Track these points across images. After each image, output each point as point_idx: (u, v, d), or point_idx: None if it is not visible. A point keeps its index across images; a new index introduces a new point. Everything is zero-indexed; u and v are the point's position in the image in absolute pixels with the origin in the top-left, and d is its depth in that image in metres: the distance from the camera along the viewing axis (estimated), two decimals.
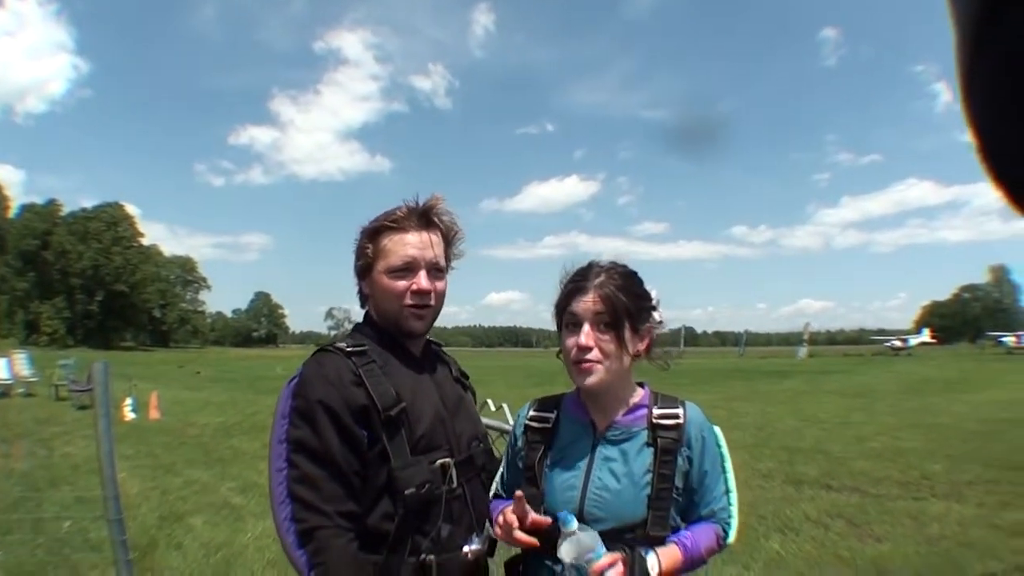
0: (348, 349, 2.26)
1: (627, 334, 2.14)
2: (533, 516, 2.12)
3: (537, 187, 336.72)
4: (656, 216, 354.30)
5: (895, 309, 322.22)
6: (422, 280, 2.31)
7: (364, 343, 2.32)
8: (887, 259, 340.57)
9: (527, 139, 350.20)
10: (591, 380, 2.15)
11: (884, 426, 15.82)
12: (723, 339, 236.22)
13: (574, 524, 2.01)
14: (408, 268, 2.31)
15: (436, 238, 2.37)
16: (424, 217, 2.36)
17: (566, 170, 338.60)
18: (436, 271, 2.37)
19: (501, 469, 2.48)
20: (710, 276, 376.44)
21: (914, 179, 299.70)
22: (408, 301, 2.32)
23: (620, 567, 1.97)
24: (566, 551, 2.01)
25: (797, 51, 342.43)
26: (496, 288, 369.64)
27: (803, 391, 27.39)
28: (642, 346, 2.21)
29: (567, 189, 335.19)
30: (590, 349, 2.13)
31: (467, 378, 2.70)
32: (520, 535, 2.11)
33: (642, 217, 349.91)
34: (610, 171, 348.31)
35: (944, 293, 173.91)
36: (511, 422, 2.94)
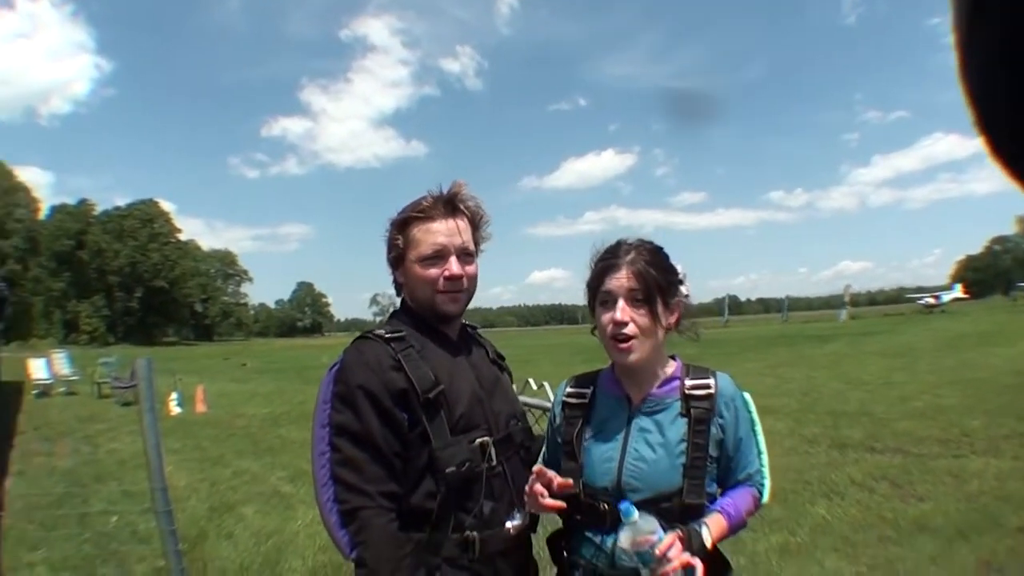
0: (387, 335, 2.33)
1: (659, 308, 2.21)
2: (558, 480, 2.18)
3: (574, 163, 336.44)
4: (694, 186, 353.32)
5: (932, 266, 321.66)
6: (453, 266, 2.37)
7: (402, 329, 2.38)
8: (921, 215, 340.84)
9: (560, 115, 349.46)
10: (632, 358, 2.23)
11: (925, 385, 15.78)
12: (766, 306, 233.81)
13: (635, 514, 2.07)
14: (438, 255, 2.36)
15: (463, 224, 2.42)
16: (449, 204, 2.41)
17: (602, 144, 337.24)
18: (466, 256, 2.42)
19: (544, 447, 2.55)
20: (750, 243, 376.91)
21: (940, 133, 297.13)
22: (441, 287, 2.38)
23: (679, 545, 2.03)
24: (626, 539, 2.08)
25: (817, 11, 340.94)
26: (539, 266, 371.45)
27: (846, 354, 27.27)
28: (672, 319, 2.28)
29: (604, 163, 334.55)
30: (626, 324, 2.20)
31: (503, 359, 2.76)
32: (549, 502, 2.18)
33: (680, 187, 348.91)
34: (645, 143, 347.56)
35: (977, 246, 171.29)
36: (552, 400, 3.00)
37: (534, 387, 4.44)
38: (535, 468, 2.23)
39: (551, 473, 2.20)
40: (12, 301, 31.28)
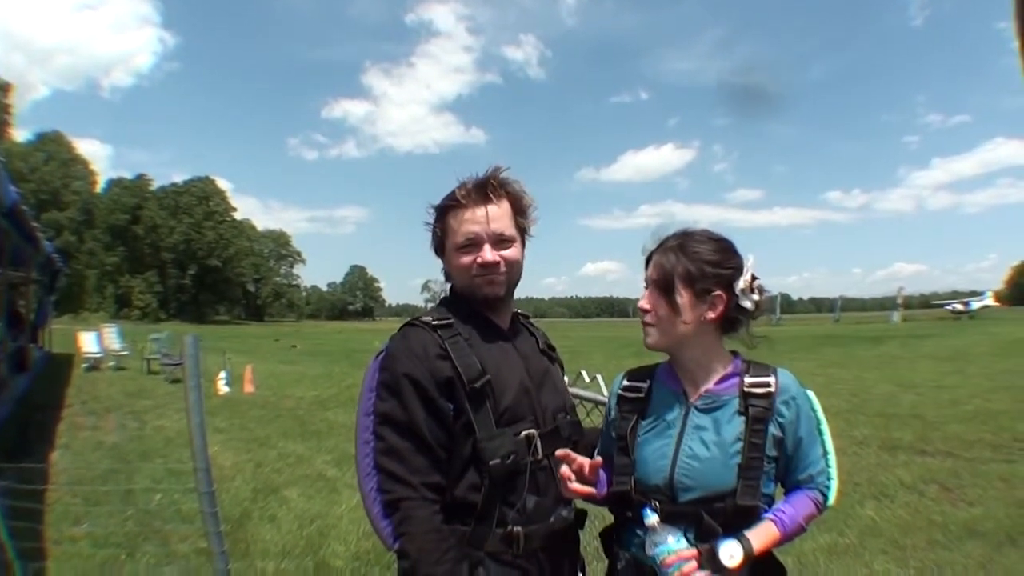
0: (434, 323, 2.30)
1: (682, 299, 2.19)
2: (588, 463, 2.16)
3: (633, 156, 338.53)
4: (751, 183, 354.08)
5: (987, 270, 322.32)
6: (486, 253, 2.34)
7: (449, 316, 2.35)
8: (978, 219, 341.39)
9: (621, 108, 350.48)
10: (647, 341, 2.29)
11: (977, 389, 15.71)
12: (818, 305, 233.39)
13: (653, 518, 2.07)
14: (472, 243, 2.35)
15: (498, 210, 2.38)
16: (481, 190, 2.37)
17: (661, 138, 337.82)
18: (501, 241, 2.38)
19: (599, 441, 2.51)
20: (805, 242, 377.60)
21: (1001, 138, 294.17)
22: (475, 273, 2.35)
23: (693, 564, 2.02)
24: (647, 545, 2.08)
25: (883, 11, 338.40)
26: (592, 258, 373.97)
27: (898, 356, 27.18)
28: (711, 314, 2.20)
29: (662, 157, 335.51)
30: (647, 312, 2.25)
31: (554, 350, 2.70)
32: (576, 487, 2.16)
33: (737, 184, 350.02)
34: (705, 138, 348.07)
35: None
36: (605, 393, 2.93)
37: (586, 379, 4.41)
38: (559, 452, 2.19)
39: (581, 458, 2.17)
40: (66, 273, 31.61)
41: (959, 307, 71.73)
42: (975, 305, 72.21)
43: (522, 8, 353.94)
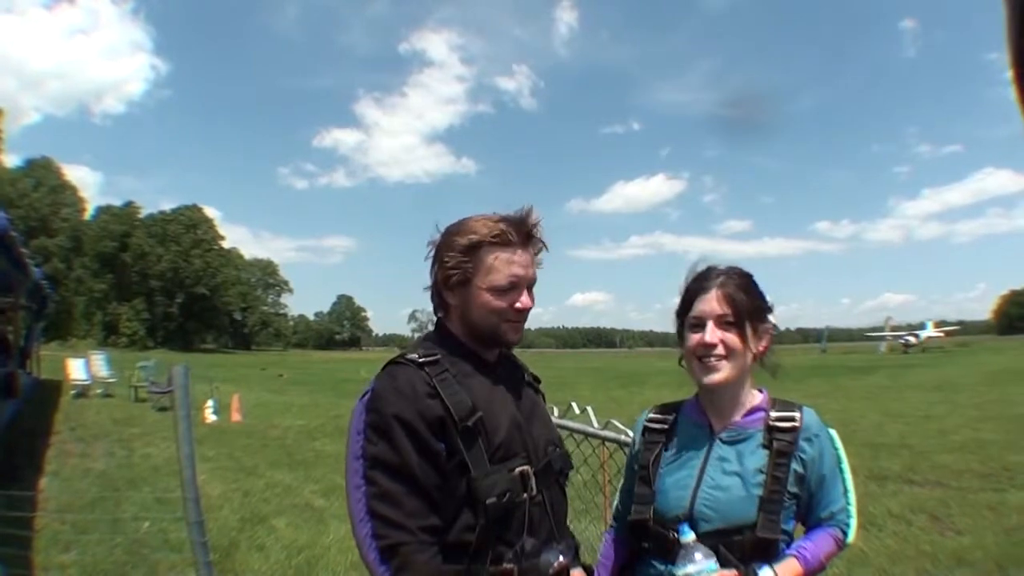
0: (420, 360, 2.20)
1: (749, 333, 2.19)
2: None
3: (623, 187, 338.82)
4: (740, 214, 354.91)
5: (975, 300, 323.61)
6: (526, 299, 2.29)
7: (435, 352, 2.26)
8: (967, 249, 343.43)
9: (613, 138, 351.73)
10: (716, 377, 2.20)
11: (965, 418, 15.90)
12: (805, 336, 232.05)
13: (690, 535, 2.06)
14: (513, 287, 2.26)
15: (534, 255, 2.34)
16: (527, 235, 2.30)
17: (652, 169, 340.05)
18: (531, 288, 2.33)
19: (623, 475, 2.53)
20: (794, 273, 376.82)
21: (991, 168, 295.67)
22: (510, 318, 2.28)
23: None
24: (680, 562, 2.06)
25: (877, 43, 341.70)
26: (581, 289, 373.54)
27: (885, 386, 27.54)
28: (762, 346, 2.25)
29: (653, 188, 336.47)
30: (714, 346, 2.19)
31: (539, 382, 2.63)
32: None
33: (727, 215, 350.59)
34: (695, 169, 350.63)
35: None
36: (595, 425, 2.92)
37: (577, 411, 4.41)
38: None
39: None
40: (54, 300, 31.54)
41: (912, 340, 72.64)
42: (922, 336, 73.37)
43: (515, 39, 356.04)
